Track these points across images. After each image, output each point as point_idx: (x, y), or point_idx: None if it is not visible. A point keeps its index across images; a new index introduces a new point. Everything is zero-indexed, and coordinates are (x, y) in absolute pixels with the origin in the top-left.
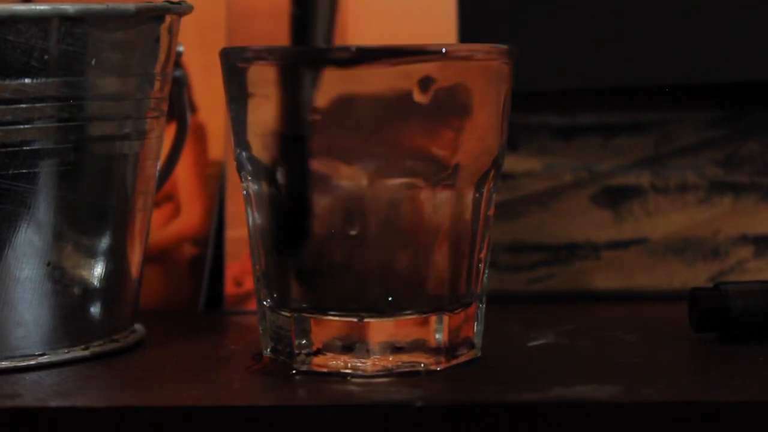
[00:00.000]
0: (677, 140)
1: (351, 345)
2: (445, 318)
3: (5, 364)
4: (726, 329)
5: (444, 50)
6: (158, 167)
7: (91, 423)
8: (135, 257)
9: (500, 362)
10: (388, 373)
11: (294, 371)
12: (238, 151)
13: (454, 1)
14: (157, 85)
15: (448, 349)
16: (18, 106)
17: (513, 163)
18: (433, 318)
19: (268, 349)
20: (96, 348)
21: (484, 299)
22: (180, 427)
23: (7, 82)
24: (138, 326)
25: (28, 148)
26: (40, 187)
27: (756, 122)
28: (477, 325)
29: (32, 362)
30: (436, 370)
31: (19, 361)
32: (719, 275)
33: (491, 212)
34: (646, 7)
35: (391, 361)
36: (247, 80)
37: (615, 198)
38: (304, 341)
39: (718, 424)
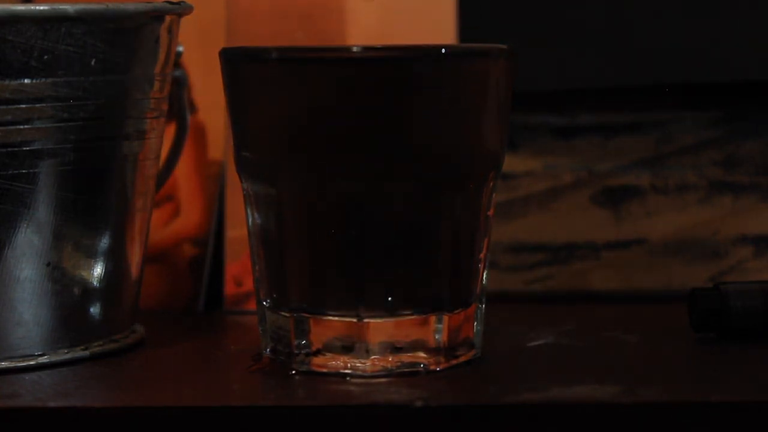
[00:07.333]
0: (677, 140)
1: (350, 345)
2: (445, 318)
3: (5, 364)
4: (726, 329)
5: (444, 50)
6: (158, 167)
7: (91, 423)
8: (135, 257)
9: (500, 362)
10: (387, 373)
11: (293, 371)
12: (238, 151)
13: (454, 1)
14: (157, 85)
15: (448, 349)
16: (18, 106)
17: (513, 163)
18: (433, 318)
19: (268, 350)
20: (96, 348)
21: (484, 299)
22: (180, 427)
23: (7, 82)
24: (138, 326)
25: (28, 148)
26: (40, 187)
27: (756, 122)
28: (477, 325)
29: (32, 362)
30: (435, 370)
31: (19, 361)
32: (719, 275)
33: (491, 212)
34: (647, 7)
35: (391, 361)
36: (247, 80)
37: (615, 198)
38: (303, 341)
39: (717, 424)
